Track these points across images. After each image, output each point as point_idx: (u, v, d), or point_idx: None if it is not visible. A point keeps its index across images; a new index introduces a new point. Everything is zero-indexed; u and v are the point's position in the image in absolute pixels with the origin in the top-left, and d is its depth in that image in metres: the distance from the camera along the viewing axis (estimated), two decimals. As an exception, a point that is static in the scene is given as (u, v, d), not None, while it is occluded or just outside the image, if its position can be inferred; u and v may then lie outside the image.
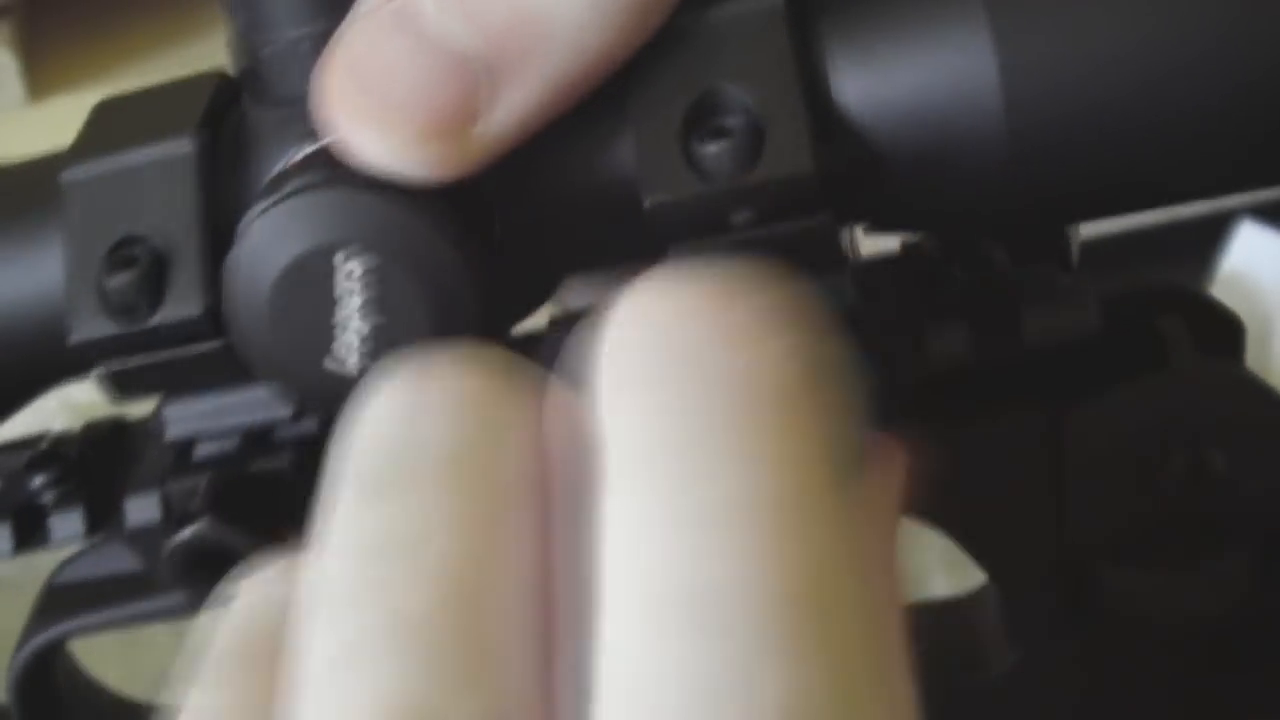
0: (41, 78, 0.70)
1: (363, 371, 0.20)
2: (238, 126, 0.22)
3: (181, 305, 0.21)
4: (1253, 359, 0.26)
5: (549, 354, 0.22)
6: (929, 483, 0.23)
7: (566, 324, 0.24)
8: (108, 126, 0.23)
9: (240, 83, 0.22)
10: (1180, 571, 0.24)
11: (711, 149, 0.19)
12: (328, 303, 0.20)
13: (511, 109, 0.20)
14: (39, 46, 0.71)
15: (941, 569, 0.35)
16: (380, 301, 0.20)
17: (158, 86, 0.23)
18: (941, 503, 0.23)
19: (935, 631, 0.28)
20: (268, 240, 0.20)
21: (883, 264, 0.23)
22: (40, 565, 0.29)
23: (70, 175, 0.22)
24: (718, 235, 0.19)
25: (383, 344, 0.20)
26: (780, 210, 0.19)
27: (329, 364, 0.21)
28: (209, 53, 0.25)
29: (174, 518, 0.23)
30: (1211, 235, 0.59)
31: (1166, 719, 0.26)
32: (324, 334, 0.21)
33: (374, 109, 0.19)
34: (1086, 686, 0.26)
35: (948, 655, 0.27)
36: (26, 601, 0.32)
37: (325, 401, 0.21)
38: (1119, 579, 0.24)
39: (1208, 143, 0.19)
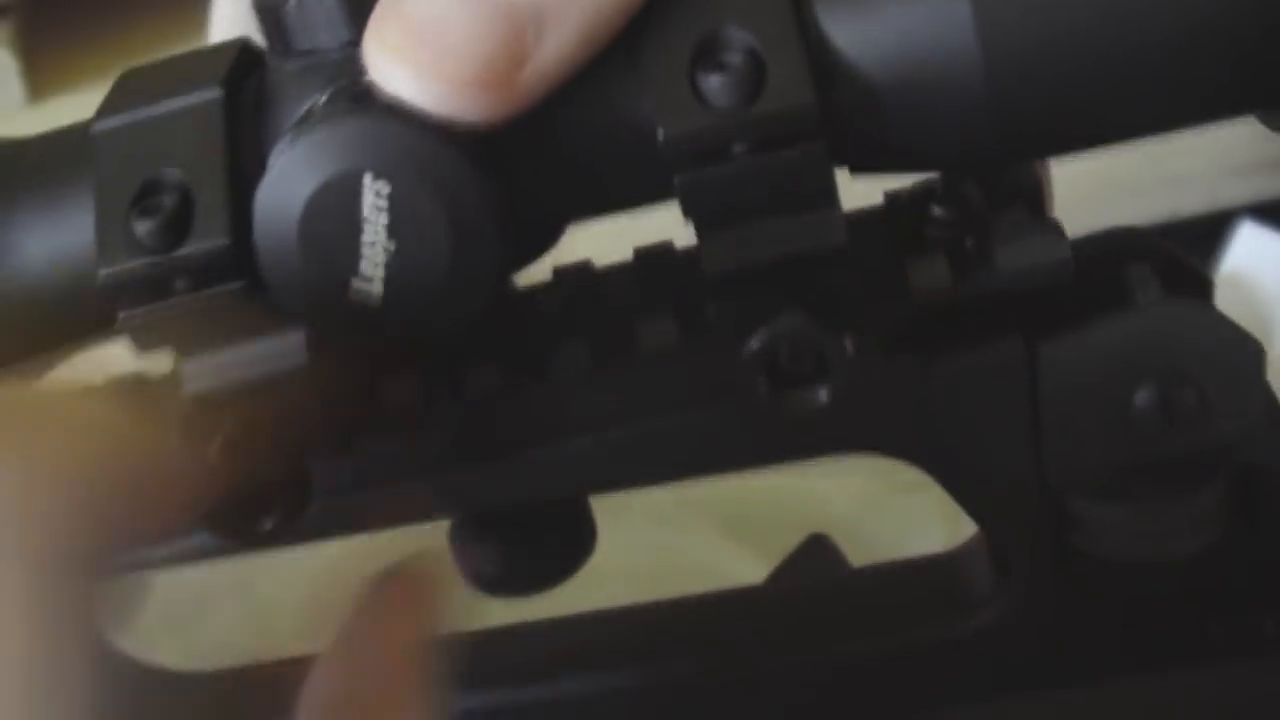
0: (41, 78, 0.70)
1: (387, 293, 0.21)
2: (262, 79, 0.23)
3: (208, 238, 0.22)
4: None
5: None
6: (910, 421, 0.25)
7: (569, 274, 0.26)
8: (135, 87, 0.24)
9: (264, 47, 0.23)
10: (1156, 509, 0.25)
11: (717, 82, 0.21)
12: (355, 225, 0.21)
13: (558, 51, 0.21)
14: (39, 47, 0.71)
15: (939, 520, 0.36)
16: (405, 224, 0.21)
17: (182, 54, 0.24)
18: (923, 441, 0.25)
19: (926, 584, 0.28)
20: (299, 167, 0.21)
21: (868, 212, 0.25)
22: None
23: (100, 126, 0.23)
24: (722, 164, 0.21)
25: (407, 265, 0.21)
26: (780, 140, 0.21)
27: (356, 284, 0.22)
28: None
29: None
30: (1211, 236, 0.59)
31: (1146, 660, 0.27)
32: (351, 255, 0.21)
33: (428, 59, 0.20)
34: (1069, 630, 0.27)
35: (938, 607, 0.28)
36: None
37: (348, 324, 0.22)
38: (1096, 518, 0.25)
39: (1179, 71, 0.21)
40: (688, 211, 0.22)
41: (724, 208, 0.21)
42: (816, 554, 0.40)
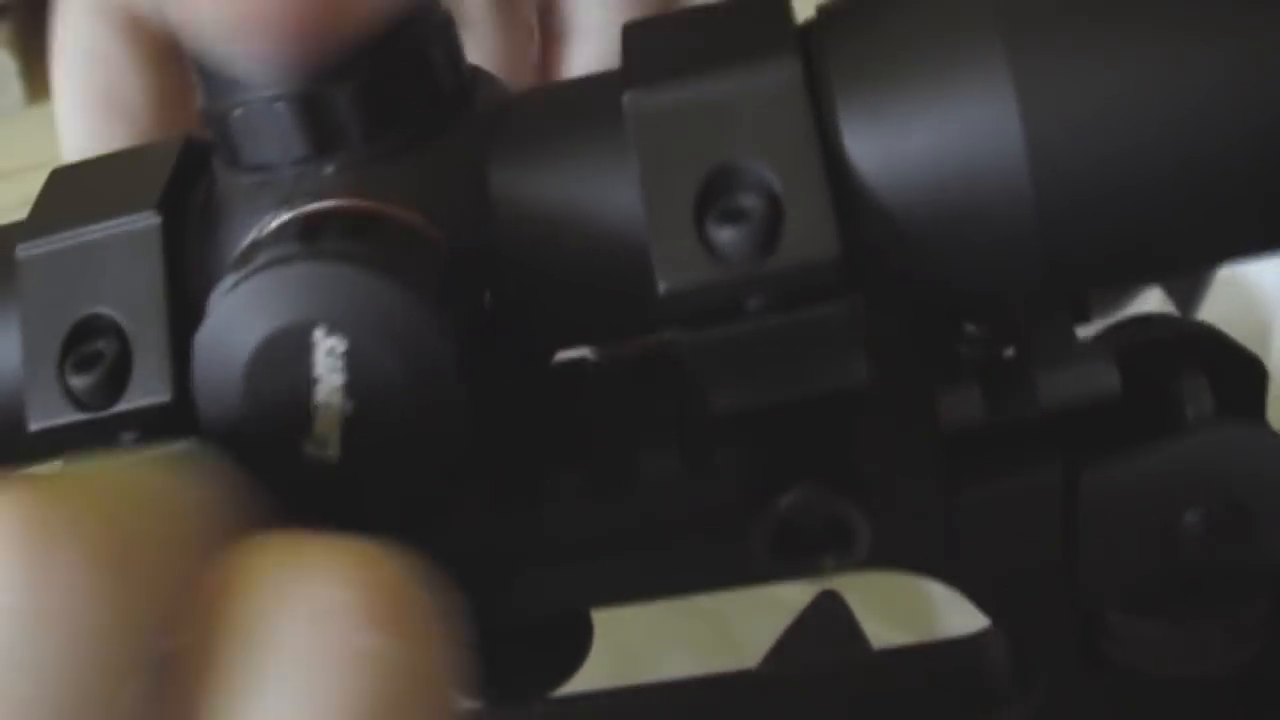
0: (41, 79, 0.70)
1: (346, 457, 0.19)
2: (206, 195, 0.21)
3: (147, 392, 0.20)
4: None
5: None
6: (936, 543, 0.23)
7: (564, 377, 0.23)
8: (66, 198, 0.21)
9: (210, 147, 0.21)
10: (1196, 625, 0.24)
11: (728, 233, 0.18)
12: (306, 383, 0.19)
13: None
14: (39, 48, 0.71)
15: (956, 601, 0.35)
16: (363, 383, 0.19)
17: (119, 152, 0.22)
18: (949, 560, 0.23)
19: (943, 674, 0.27)
20: (239, 316, 0.19)
21: (894, 322, 0.22)
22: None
23: (26, 251, 0.20)
24: (733, 324, 0.18)
25: (367, 425, 0.19)
26: (801, 296, 0.18)
27: (309, 449, 0.19)
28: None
29: None
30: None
31: None
32: (302, 416, 0.19)
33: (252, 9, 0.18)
34: None
35: (956, 704, 0.27)
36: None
37: (302, 490, 0.19)
38: (1129, 629, 0.24)
39: (1242, 203, 0.18)
40: (691, 365, 0.19)
41: (733, 364, 0.19)
42: (825, 615, 0.39)
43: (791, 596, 0.38)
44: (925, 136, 0.18)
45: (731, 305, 0.18)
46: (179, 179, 0.21)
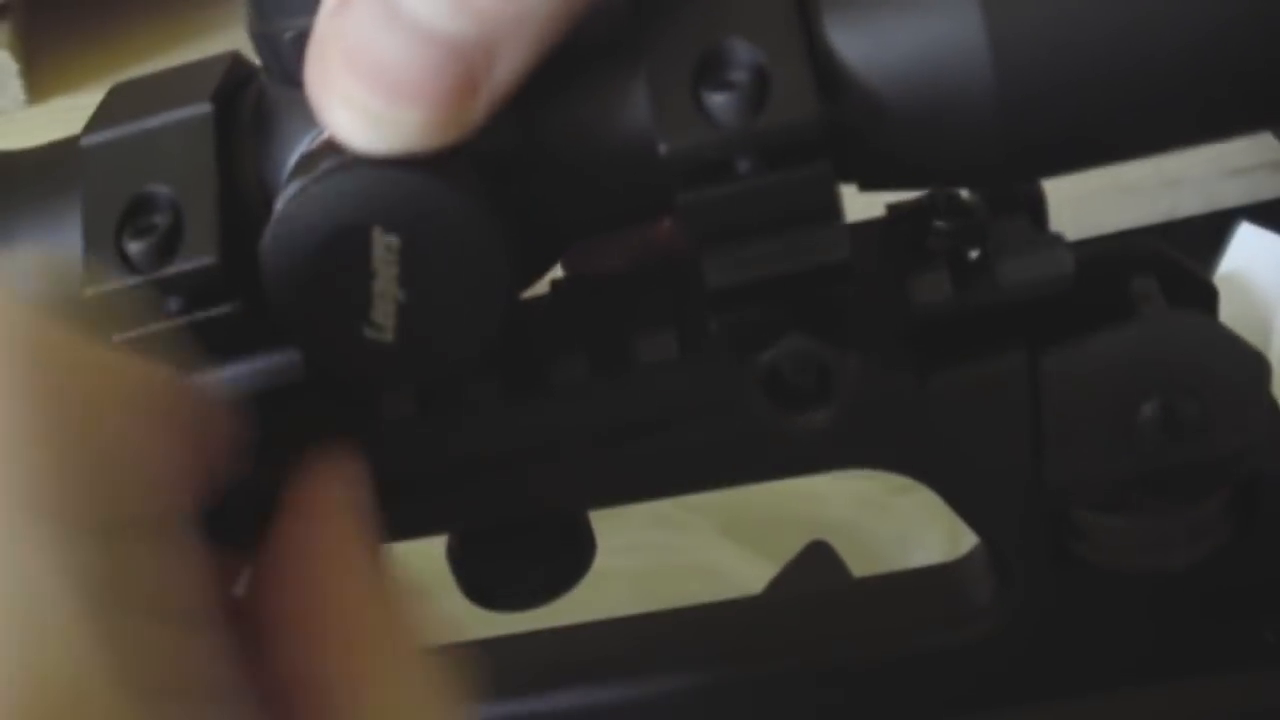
0: (41, 79, 0.70)
1: (399, 336, 0.22)
2: (257, 98, 0.23)
3: (196, 255, 0.22)
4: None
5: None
6: (911, 435, 0.24)
7: (568, 287, 0.26)
8: (125, 101, 0.23)
9: (258, 67, 0.23)
10: (1157, 520, 0.25)
11: (721, 97, 0.20)
12: (365, 276, 0.21)
13: (509, 77, 0.21)
14: (39, 48, 0.71)
15: (937, 521, 0.36)
16: (415, 274, 0.21)
17: (172, 68, 0.24)
18: (924, 455, 0.25)
19: (926, 594, 0.28)
20: (305, 218, 0.21)
21: (869, 224, 0.25)
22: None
23: (89, 140, 0.23)
24: (726, 183, 0.21)
25: (418, 311, 0.22)
26: (784, 156, 0.20)
27: (368, 331, 0.22)
28: (209, 55, 0.25)
29: None
30: (1210, 237, 0.59)
31: (1146, 669, 0.27)
32: (362, 304, 0.22)
33: (380, 104, 0.20)
34: (1069, 640, 0.27)
35: (938, 617, 0.28)
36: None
37: (364, 369, 0.22)
38: (1096, 527, 0.25)
39: (1191, 87, 0.20)
40: (689, 230, 0.21)
41: (727, 226, 0.21)
42: (817, 560, 0.40)
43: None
44: (896, 22, 0.21)
45: (725, 164, 0.20)
46: (230, 82, 0.23)
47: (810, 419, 0.22)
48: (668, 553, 0.45)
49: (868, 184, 0.22)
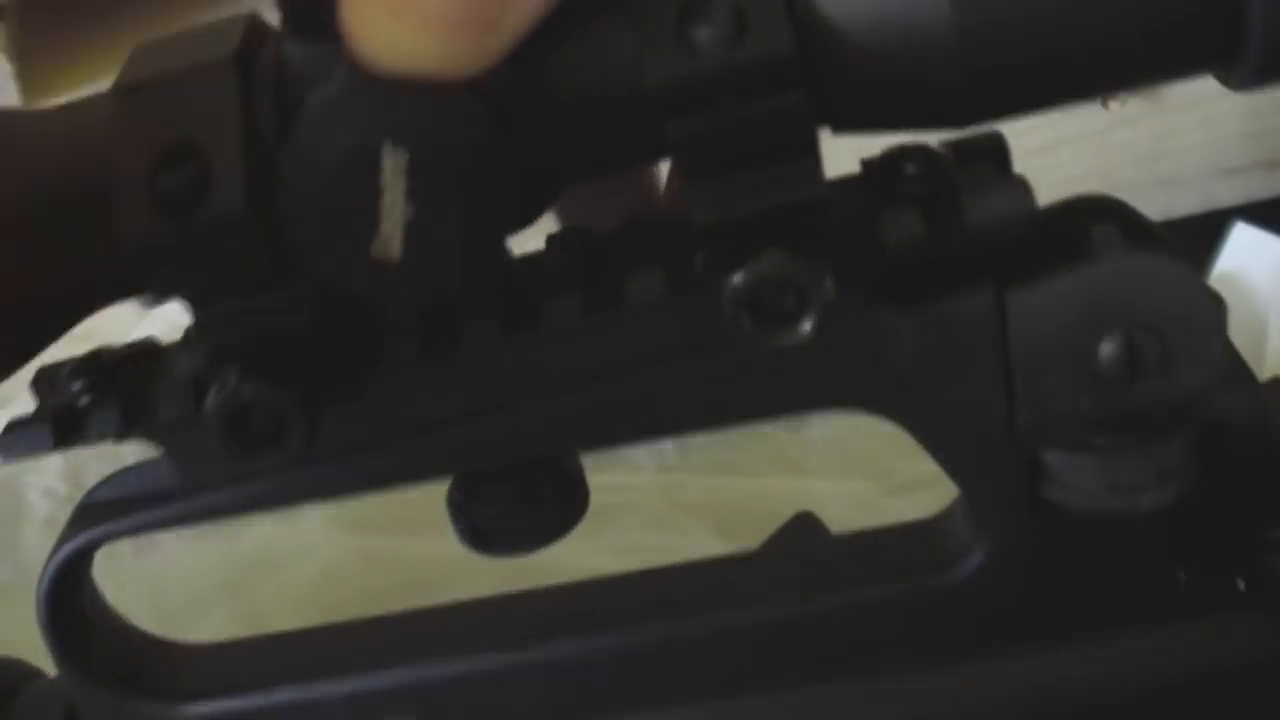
0: (36, 81, 0.70)
1: (406, 254, 0.23)
2: (280, 50, 0.24)
3: (226, 201, 0.23)
4: (1248, 359, 0.26)
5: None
6: (886, 374, 0.25)
7: (562, 238, 0.27)
8: (148, 59, 0.24)
9: (279, 25, 0.24)
10: (1123, 461, 0.26)
11: (703, 32, 0.22)
12: (374, 191, 0.22)
13: (525, 15, 0.22)
14: (33, 50, 0.71)
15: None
16: (423, 190, 0.22)
17: (190, 29, 0.25)
18: (899, 394, 0.26)
19: (904, 545, 0.29)
20: (320, 135, 0.22)
21: (845, 178, 0.26)
22: (31, 571, 0.29)
23: (116, 92, 0.24)
24: (710, 112, 0.22)
25: (424, 228, 0.23)
26: (764, 85, 0.22)
27: (375, 250, 0.23)
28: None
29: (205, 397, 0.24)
30: (1205, 236, 0.59)
31: (1118, 614, 0.28)
32: (371, 220, 0.22)
33: (407, 33, 0.21)
34: (1044, 586, 0.28)
35: (914, 564, 0.28)
36: (15, 607, 0.32)
37: (370, 287, 0.23)
38: (1066, 470, 0.26)
39: (1143, 23, 0.22)
40: (679, 159, 0.23)
41: (712, 156, 0.23)
42: (803, 529, 0.41)
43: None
44: None
45: (707, 95, 0.22)
46: (251, 36, 0.24)
47: (790, 335, 0.22)
48: (663, 554, 0.45)
49: (840, 125, 0.24)
